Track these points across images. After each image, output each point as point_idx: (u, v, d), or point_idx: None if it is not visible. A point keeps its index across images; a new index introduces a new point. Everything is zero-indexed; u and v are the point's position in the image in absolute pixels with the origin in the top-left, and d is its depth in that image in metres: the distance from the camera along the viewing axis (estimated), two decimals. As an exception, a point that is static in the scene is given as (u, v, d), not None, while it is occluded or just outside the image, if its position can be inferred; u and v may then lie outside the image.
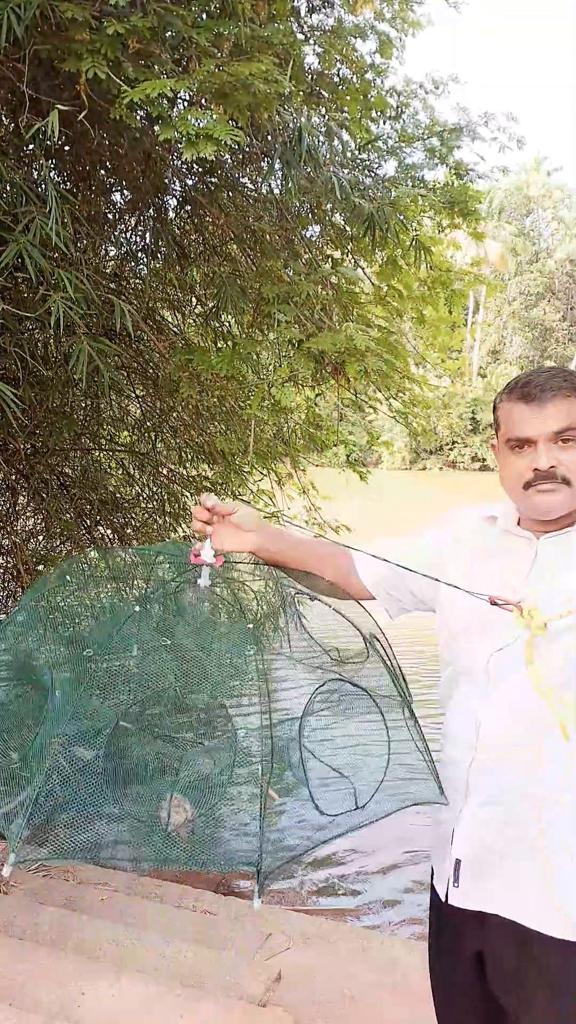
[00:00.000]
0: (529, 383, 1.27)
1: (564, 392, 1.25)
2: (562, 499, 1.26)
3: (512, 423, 1.28)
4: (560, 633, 1.20)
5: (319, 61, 3.71)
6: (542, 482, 1.26)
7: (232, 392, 4.19)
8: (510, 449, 1.30)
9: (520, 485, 1.29)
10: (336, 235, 4.07)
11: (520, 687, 1.21)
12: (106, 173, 3.68)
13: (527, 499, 1.29)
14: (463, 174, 3.86)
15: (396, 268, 4.13)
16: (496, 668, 1.29)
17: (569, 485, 1.26)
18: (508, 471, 1.32)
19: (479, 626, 1.31)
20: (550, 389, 1.25)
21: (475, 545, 1.41)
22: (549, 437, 1.25)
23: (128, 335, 3.77)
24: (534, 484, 1.27)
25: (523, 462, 1.28)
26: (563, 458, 1.25)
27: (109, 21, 2.22)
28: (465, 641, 1.34)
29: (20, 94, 2.44)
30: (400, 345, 4.21)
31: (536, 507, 1.29)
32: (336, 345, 3.05)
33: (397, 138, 3.95)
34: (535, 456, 1.26)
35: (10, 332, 3.07)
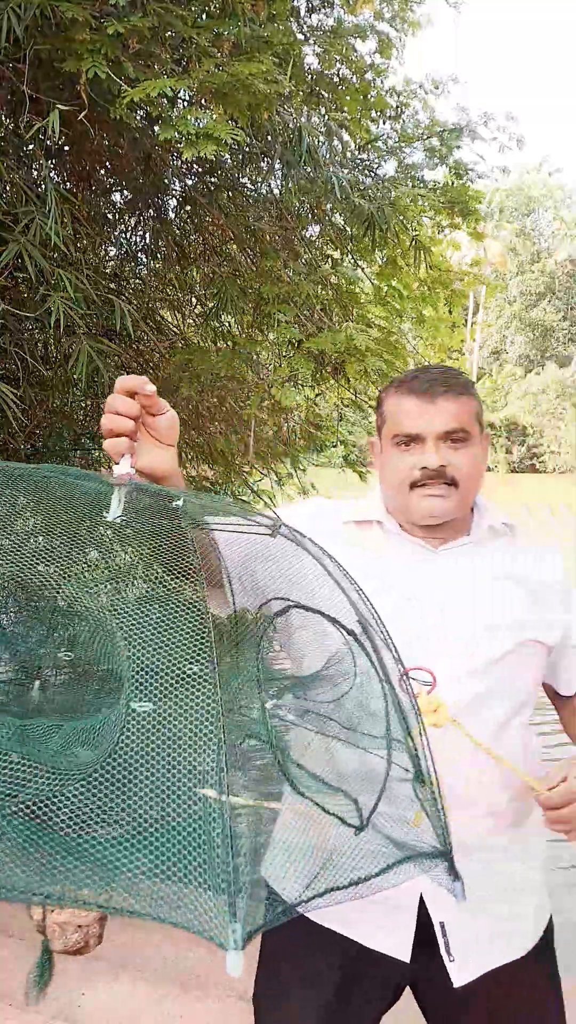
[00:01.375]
0: (420, 378, 1.19)
1: (456, 390, 1.18)
2: (450, 505, 1.18)
3: (400, 418, 1.18)
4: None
5: (319, 61, 3.71)
6: (430, 483, 1.16)
7: (232, 392, 4.19)
8: (396, 446, 1.19)
9: (406, 485, 1.18)
10: (336, 235, 4.07)
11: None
12: (106, 173, 3.68)
13: (412, 501, 1.18)
14: (463, 174, 3.86)
15: (396, 268, 4.14)
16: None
17: (457, 488, 1.17)
18: (392, 469, 1.20)
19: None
20: (442, 385, 1.17)
21: (357, 555, 1.18)
22: (439, 435, 1.16)
23: (128, 335, 3.78)
24: (421, 485, 1.17)
25: (410, 460, 1.17)
26: (453, 459, 1.17)
27: (109, 21, 2.22)
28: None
29: (20, 94, 2.44)
30: (400, 345, 4.22)
31: (422, 510, 1.18)
32: (336, 345, 3.06)
33: (397, 138, 3.96)
34: (424, 454, 1.16)
35: (10, 332, 3.07)
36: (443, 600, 1.18)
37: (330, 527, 1.23)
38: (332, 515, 1.28)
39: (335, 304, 3.88)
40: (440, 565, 1.21)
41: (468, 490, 1.19)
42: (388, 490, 1.23)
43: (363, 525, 1.26)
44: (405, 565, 1.21)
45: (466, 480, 1.18)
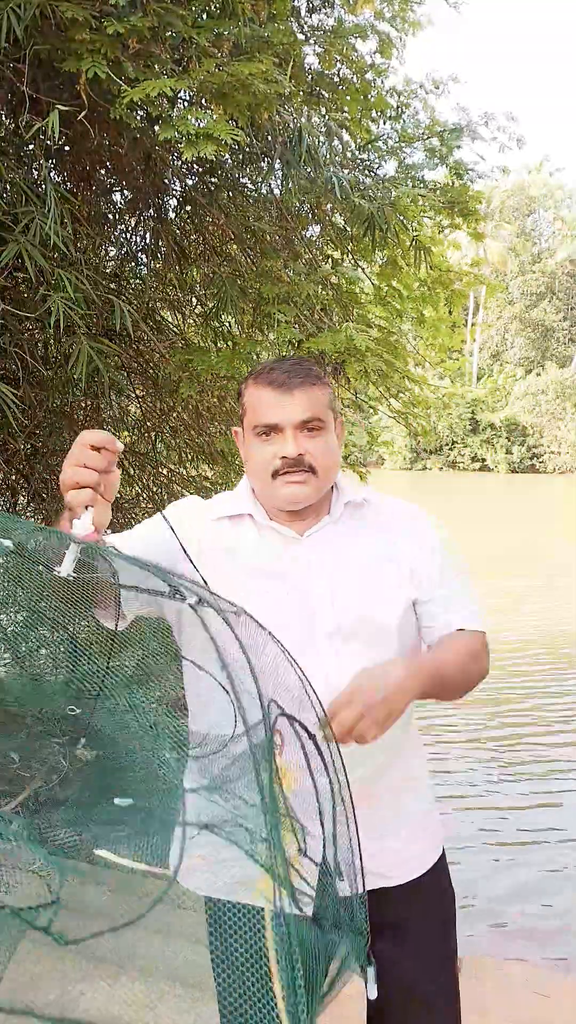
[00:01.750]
0: (276, 370, 1.27)
1: (310, 381, 1.27)
2: (310, 490, 1.27)
3: (259, 409, 1.27)
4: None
5: (319, 61, 3.71)
6: (290, 471, 1.25)
7: (232, 392, 4.19)
8: (256, 436, 1.28)
9: (268, 474, 1.27)
10: (336, 235, 4.07)
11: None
12: (106, 173, 3.68)
13: (275, 489, 1.27)
14: (463, 174, 3.86)
15: (396, 268, 4.13)
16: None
17: (316, 475, 1.27)
18: (254, 459, 1.29)
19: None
20: (297, 376, 1.26)
21: (231, 550, 1.30)
22: (296, 425, 1.25)
23: (128, 335, 3.77)
24: (282, 473, 1.26)
25: (270, 449, 1.26)
26: (310, 447, 1.26)
27: (109, 21, 2.22)
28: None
29: (20, 94, 2.44)
30: (400, 345, 4.21)
31: (285, 497, 1.27)
32: (336, 345, 3.06)
33: (397, 138, 3.96)
34: (283, 443, 1.25)
35: (10, 332, 3.07)
36: (315, 584, 1.28)
37: (201, 526, 1.32)
38: (203, 513, 1.35)
39: (335, 304, 3.88)
40: (307, 550, 1.30)
41: (326, 475, 1.29)
42: (253, 479, 1.32)
43: (235, 519, 1.34)
44: (274, 557, 1.30)
45: (323, 466, 1.27)
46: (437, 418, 29.97)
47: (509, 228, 41.50)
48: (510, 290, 41.47)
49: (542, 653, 7.41)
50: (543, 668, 6.97)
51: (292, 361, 1.31)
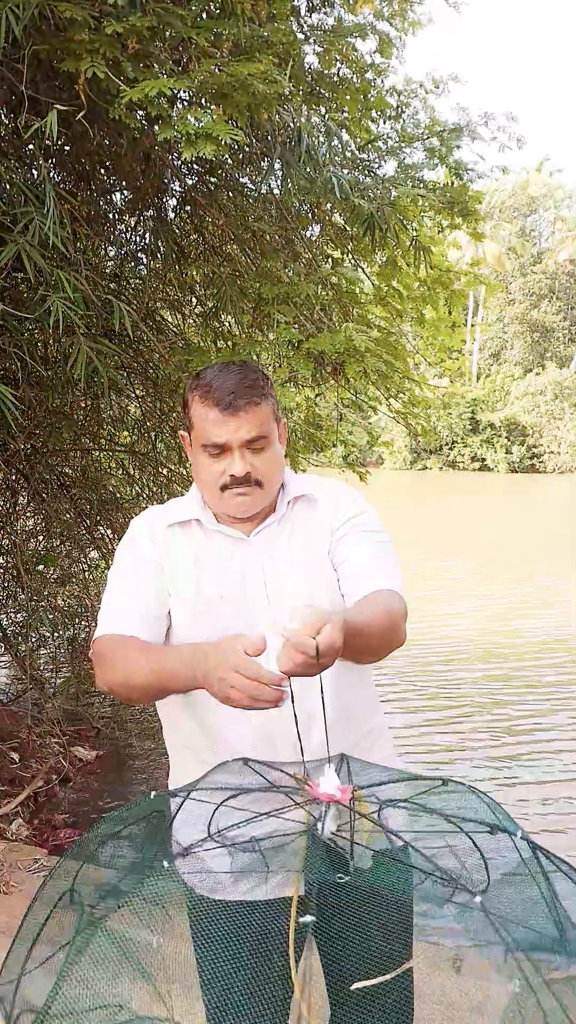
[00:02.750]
0: (221, 388, 1.29)
1: (255, 399, 1.30)
2: (256, 500, 1.34)
3: (207, 430, 1.31)
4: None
5: (319, 61, 3.71)
6: (238, 487, 1.31)
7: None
8: (204, 453, 1.33)
9: (217, 488, 1.33)
10: (336, 235, 4.07)
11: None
12: (106, 173, 3.68)
13: (224, 501, 1.33)
14: (462, 174, 3.86)
15: (396, 269, 4.13)
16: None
17: (262, 487, 1.33)
18: (204, 473, 1.34)
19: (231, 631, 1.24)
20: (242, 397, 1.29)
21: (184, 555, 1.37)
22: (242, 444, 1.30)
23: (128, 335, 3.77)
24: (230, 487, 1.32)
25: (219, 466, 1.31)
26: (256, 463, 1.31)
27: (108, 21, 2.22)
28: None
29: (19, 94, 2.44)
30: (400, 345, 4.21)
31: (233, 508, 1.34)
32: (336, 346, 3.05)
33: (397, 138, 3.95)
34: (231, 462, 1.30)
35: (10, 333, 3.07)
36: (255, 583, 1.34)
37: (161, 535, 1.39)
38: (160, 521, 1.41)
39: (335, 304, 3.88)
40: (254, 549, 1.36)
41: (272, 484, 1.35)
42: (202, 489, 1.37)
43: (184, 525, 1.40)
44: (223, 558, 1.36)
45: (268, 478, 1.34)
46: (437, 418, 29.97)
47: (509, 228, 41.51)
48: (511, 290, 41.47)
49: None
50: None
51: (236, 374, 1.31)
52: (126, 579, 1.38)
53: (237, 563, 1.36)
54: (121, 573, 1.39)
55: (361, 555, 1.36)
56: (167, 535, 1.39)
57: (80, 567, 4.82)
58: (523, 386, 38.01)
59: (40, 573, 4.47)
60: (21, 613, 4.57)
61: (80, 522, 4.63)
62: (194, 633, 1.31)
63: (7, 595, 4.71)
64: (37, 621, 4.11)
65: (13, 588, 4.58)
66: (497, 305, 41.55)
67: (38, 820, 3.82)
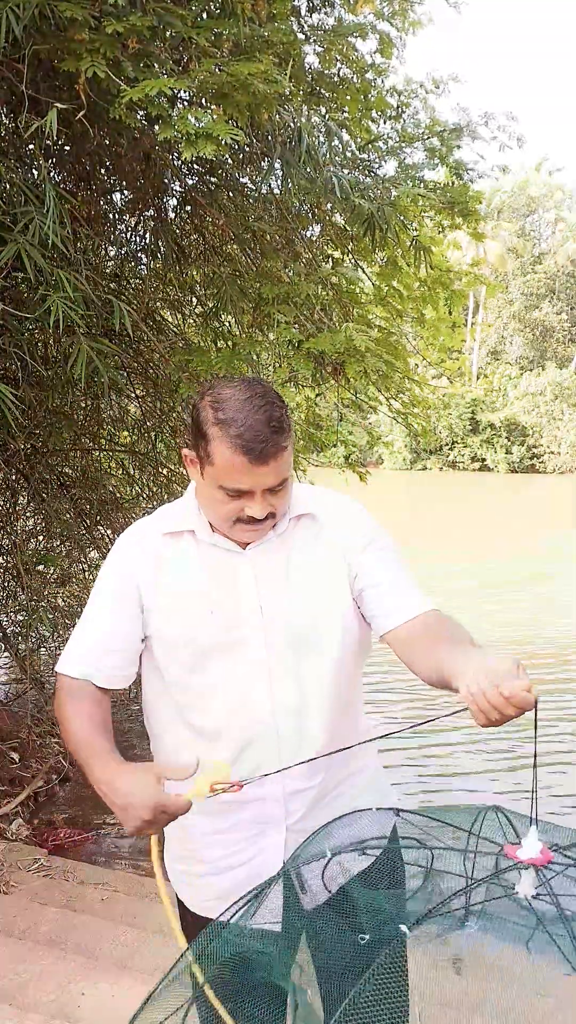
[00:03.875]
0: (251, 436, 1.20)
1: (282, 444, 1.23)
2: (267, 530, 1.31)
3: (231, 475, 1.22)
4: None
5: (319, 61, 3.71)
6: (253, 524, 1.27)
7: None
8: (222, 491, 1.25)
9: (229, 521, 1.27)
10: (336, 235, 4.07)
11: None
12: (106, 173, 3.68)
13: (234, 531, 1.29)
14: (462, 173, 3.86)
15: (396, 269, 4.13)
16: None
17: (275, 517, 1.29)
18: (217, 508, 1.27)
19: (222, 643, 1.30)
20: (272, 444, 1.21)
21: (176, 565, 1.33)
22: (266, 490, 1.24)
23: (128, 335, 3.77)
24: (244, 523, 1.27)
25: (235, 505, 1.25)
26: (275, 502, 1.27)
27: (108, 21, 2.22)
28: (209, 659, 1.31)
29: (20, 94, 2.44)
30: (400, 345, 4.21)
31: (243, 538, 1.30)
32: (336, 346, 3.05)
33: (398, 138, 3.95)
34: (250, 504, 1.24)
35: (10, 332, 3.07)
36: (257, 598, 1.31)
37: (153, 545, 1.35)
38: (152, 532, 1.37)
39: (335, 304, 3.88)
40: (247, 562, 1.32)
41: (284, 514, 1.32)
42: (208, 514, 1.31)
43: (176, 535, 1.35)
44: (214, 570, 1.32)
45: (283, 511, 1.30)
46: (437, 418, 29.94)
47: (508, 228, 41.47)
48: (510, 290, 41.44)
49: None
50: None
51: (263, 413, 1.21)
52: (102, 609, 1.36)
53: (229, 576, 1.32)
54: (98, 602, 1.37)
55: (388, 576, 1.34)
56: (159, 545, 1.35)
57: (80, 567, 4.81)
58: (523, 386, 37.99)
59: (40, 573, 4.47)
60: (21, 613, 4.57)
61: (80, 522, 4.63)
62: (181, 645, 1.30)
63: (7, 595, 4.71)
64: (37, 621, 4.10)
65: (13, 588, 4.58)
66: (497, 305, 41.53)
67: (38, 820, 3.82)
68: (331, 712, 1.33)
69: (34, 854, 3.35)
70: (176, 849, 1.42)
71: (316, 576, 1.34)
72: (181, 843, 1.40)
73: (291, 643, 1.31)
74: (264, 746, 1.30)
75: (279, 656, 1.30)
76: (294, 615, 1.31)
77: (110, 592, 1.35)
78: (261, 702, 1.29)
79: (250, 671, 1.30)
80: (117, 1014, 2.20)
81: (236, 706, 1.30)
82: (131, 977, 2.35)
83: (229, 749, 1.30)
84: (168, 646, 1.32)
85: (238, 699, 1.30)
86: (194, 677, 1.31)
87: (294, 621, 1.31)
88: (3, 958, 2.44)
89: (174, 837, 1.41)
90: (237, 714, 1.30)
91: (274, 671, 1.30)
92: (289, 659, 1.30)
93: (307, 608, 1.32)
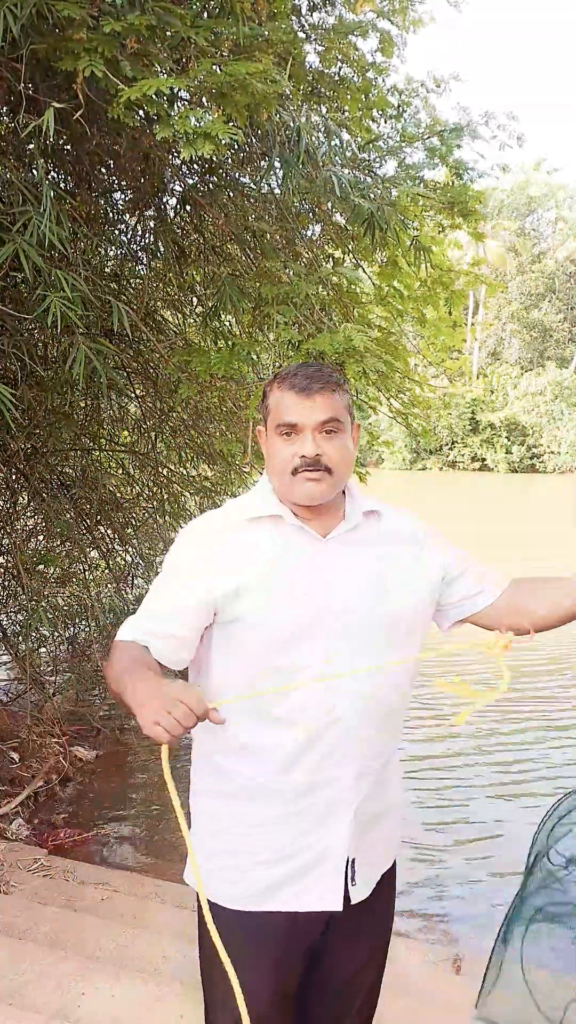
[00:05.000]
0: (300, 375, 1.36)
1: (331, 387, 1.37)
2: (325, 487, 1.35)
3: (282, 410, 1.36)
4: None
5: (320, 60, 3.70)
6: (308, 469, 1.34)
7: (231, 393, 4.19)
8: (279, 435, 1.37)
9: (288, 471, 1.35)
10: (336, 235, 4.06)
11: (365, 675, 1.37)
12: (106, 173, 3.68)
13: (293, 485, 1.35)
14: (463, 173, 3.85)
15: (397, 268, 4.13)
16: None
17: (331, 474, 1.35)
18: (276, 457, 1.37)
19: (308, 627, 1.35)
20: (318, 381, 1.35)
21: (259, 550, 1.37)
22: (316, 426, 1.34)
23: (128, 335, 3.77)
24: (300, 471, 1.34)
25: (291, 449, 1.35)
26: (326, 448, 1.35)
27: (106, 20, 2.21)
28: (296, 642, 1.35)
29: (18, 93, 2.44)
30: (400, 345, 4.21)
31: (301, 493, 1.35)
32: (335, 346, 3.05)
33: (398, 138, 3.95)
34: (302, 443, 1.34)
35: (9, 333, 3.07)
36: (333, 585, 1.36)
37: (233, 532, 1.38)
38: (232, 519, 1.41)
39: (335, 304, 3.87)
40: (330, 551, 1.38)
41: (340, 475, 1.38)
42: (274, 476, 1.39)
43: (257, 521, 1.40)
44: (301, 555, 1.37)
45: (338, 466, 1.36)
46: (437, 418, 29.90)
47: (508, 228, 41.43)
48: (509, 290, 41.39)
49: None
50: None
51: (314, 367, 1.39)
52: (164, 600, 1.38)
53: (309, 563, 1.36)
54: (162, 590, 1.40)
55: (471, 568, 1.49)
56: (242, 532, 1.38)
57: (80, 567, 4.81)
58: (523, 386, 37.97)
59: (40, 573, 4.46)
60: (21, 613, 4.57)
61: (80, 522, 4.63)
62: (269, 629, 1.33)
63: (7, 595, 4.71)
64: (37, 621, 4.10)
65: (13, 588, 4.58)
66: (497, 304, 41.50)
67: (38, 820, 3.82)
68: (400, 706, 1.42)
69: (34, 854, 3.35)
70: (214, 844, 1.40)
71: (396, 570, 1.41)
72: (222, 836, 1.39)
73: (370, 634, 1.36)
74: (337, 735, 1.35)
75: (358, 646, 1.35)
76: (372, 614, 1.36)
77: (178, 578, 1.37)
78: (339, 692, 1.33)
79: (330, 659, 1.34)
80: (117, 1014, 2.20)
81: (317, 693, 1.32)
82: (131, 977, 2.35)
83: (306, 735, 1.34)
84: (254, 630, 1.34)
85: (319, 686, 1.32)
86: (278, 662, 1.33)
87: (377, 611, 1.37)
88: (3, 958, 2.44)
89: (212, 830, 1.40)
90: (317, 702, 1.33)
91: (352, 661, 1.33)
92: (368, 650, 1.35)
93: (386, 609, 1.38)
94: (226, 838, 1.39)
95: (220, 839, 1.39)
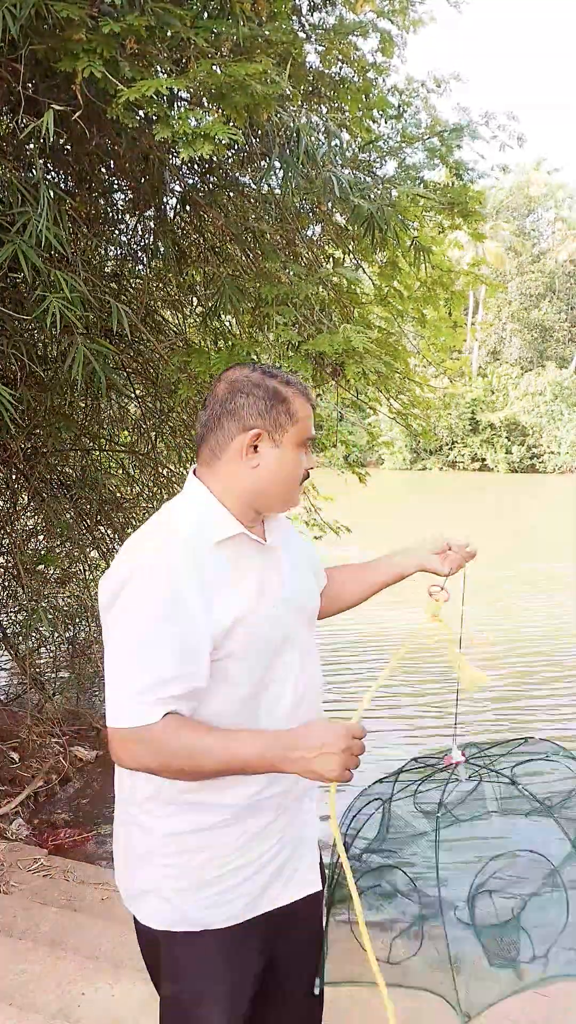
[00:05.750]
0: (306, 387, 1.38)
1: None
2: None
3: (307, 424, 1.36)
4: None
5: (320, 60, 3.70)
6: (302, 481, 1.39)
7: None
8: (301, 447, 1.35)
9: (297, 482, 1.37)
10: (336, 235, 4.06)
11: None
12: (106, 173, 3.68)
13: (293, 494, 1.39)
14: (463, 174, 3.85)
15: (396, 269, 4.13)
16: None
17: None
18: (288, 467, 1.34)
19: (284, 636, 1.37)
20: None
21: (235, 574, 1.29)
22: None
23: (127, 335, 3.77)
24: (300, 481, 1.39)
25: (304, 461, 1.38)
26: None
27: (105, 20, 2.21)
28: (279, 655, 1.35)
29: (17, 94, 2.44)
30: (400, 346, 4.21)
31: (295, 500, 1.42)
32: (335, 347, 3.05)
33: (398, 138, 3.95)
34: (307, 456, 1.39)
35: (8, 333, 3.07)
36: (293, 587, 1.41)
37: (210, 558, 1.26)
38: (203, 542, 1.27)
39: (335, 304, 3.87)
40: (276, 556, 1.40)
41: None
42: (275, 487, 1.33)
43: (222, 543, 1.29)
44: (264, 571, 1.36)
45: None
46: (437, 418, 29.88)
47: (507, 228, 41.42)
48: (509, 290, 41.38)
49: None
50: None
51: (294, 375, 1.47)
52: (163, 638, 1.19)
53: (273, 574, 1.36)
54: (161, 644, 1.19)
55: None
56: (212, 556, 1.27)
57: (80, 567, 4.81)
58: (523, 386, 37.97)
59: (40, 573, 4.47)
60: (21, 613, 4.57)
61: (80, 522, 4.63)
62: (256, 646, 1.29)
63: (7, 595, 4.71)
64: (37, 621, 4.10)
65: (13, 588, 4.58)
66: (497, 304, 41.48)
67: (38, 820, 3.82)
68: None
69: (34, 854, 3.35)
70: (199, 877, 1.31)
71: (305, 555, 1.51)
72: (206, 867, 1.31)
73: (308, 625, 1.45)
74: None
75: (308, 640, 1.43)
76: (308, 600, 1.46)
77: (177, 623, 1.20)
78: (314, 686, 1.42)
79: (299, 658, 1.38)
80: (117, 1014, 2.20)
81: (301, 691, 1.38)
82: (131, 977, 2.35)
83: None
84: (245, 661, 1.27)
85: (303, 685, 1.38)
86: (267, 675, 1.33)
87: (308, 605, 1.46)
88: (3, 958, 2.44)
89: (197, 866, 1.31)
90: (303, 699, 1.38)
91: (310, 654, 1.42)
92: (310, 641, 1.44)
93: (312, 592, 1.49)
94: (206, 868, 1.30)
95: (201, 870, 1.30)
